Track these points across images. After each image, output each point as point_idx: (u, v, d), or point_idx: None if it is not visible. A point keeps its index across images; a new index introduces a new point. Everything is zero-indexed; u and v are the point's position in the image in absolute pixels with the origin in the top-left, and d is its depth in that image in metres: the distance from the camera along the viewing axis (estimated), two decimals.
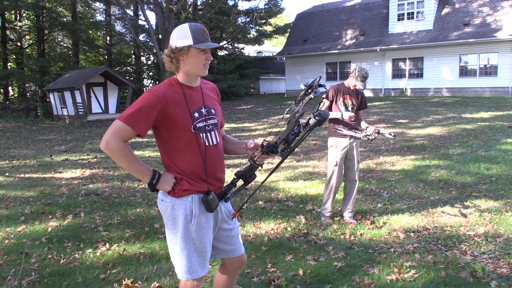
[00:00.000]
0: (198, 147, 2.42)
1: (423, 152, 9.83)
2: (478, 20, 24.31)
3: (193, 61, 2.37)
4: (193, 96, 2.44)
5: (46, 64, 28.53)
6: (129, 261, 4.30)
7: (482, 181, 7.06)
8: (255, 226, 5.27)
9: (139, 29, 30.43)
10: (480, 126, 13.31)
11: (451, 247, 4.43)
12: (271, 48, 50.38)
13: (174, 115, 2.34)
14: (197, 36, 2.33)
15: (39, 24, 29.49)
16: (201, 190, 2.44)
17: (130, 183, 7.94)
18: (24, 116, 24.04)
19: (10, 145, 14.61)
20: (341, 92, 5.21)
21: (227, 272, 2.77)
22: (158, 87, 2.37)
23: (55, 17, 29.46)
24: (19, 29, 31.01)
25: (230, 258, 2.68)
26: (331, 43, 29.65)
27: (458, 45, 24.20)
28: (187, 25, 2.36)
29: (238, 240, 2.69)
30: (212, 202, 2.43)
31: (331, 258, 4.24)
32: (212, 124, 2.50)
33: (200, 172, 2.43)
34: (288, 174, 8.25)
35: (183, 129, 2.38)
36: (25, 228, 5.42)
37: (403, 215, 5.50)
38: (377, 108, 19.80)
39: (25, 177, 8.84)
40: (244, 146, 2.64)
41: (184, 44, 2.33)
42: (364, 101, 5.37)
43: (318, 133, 14.09)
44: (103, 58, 35.46)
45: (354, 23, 29.64)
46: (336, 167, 5.22)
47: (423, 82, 25.85)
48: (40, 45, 30.62)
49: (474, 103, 19.79)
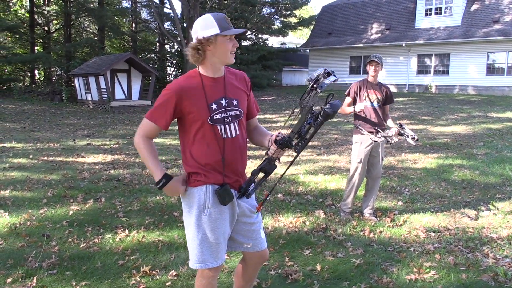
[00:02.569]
0: (216, 139, 2.41)
1: (446, 150, 9.67)
2: (508, 17, 23.72)
3: (222, 50, 2.35)
4: (213, 87, 2.42)
5: (72, 49, 28.87)
6: (147, 248, 4.34)
7: (507, 182, 6.92)
8: (273, 219, 5.26)
9: (164, 17, 30.49)
10: (506, 126, 13.03)
11: (472, 249, 4.35)
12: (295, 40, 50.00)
13: (190, 106, 2.36)
14: (222, 24, 2.31)
15: (67, 9, 29.75)
16: (216, 182, 2.44)
17: None
18: (49, 99, 24.39)
19: (35, 128, 14.85)
20: (365, 87, 5.16)
21: (247, 266, 2.75)
22: (176, 82, 2.42)
23: (82, 2, 29.67)
24: (47, 13, 31.40)
25: (250, 252, 2.66)
26: (356, 37, 29.31)
27: (487, 42, 23.68)
28: (209, 14, 2.34)
29: (259, 235, 2.65)
30: (226, 195, 2.41)
31: (349, 254, 4.21)
32: (232, 116, 2.47)
33: (216, 164, 2.43)
34: (308, 168, 8.21)
35: (200, 121, 2.38)
36: (47, 210, 5.51)
37: (424, 214, 5.42)
38: (401, 104, 19.54)
39: (48, 160, 8.98)
40: (268, 139, 2.58)
41: (211, 34, 2.30)
42: (390, 95, 5.28)
43: (340, 127, 13.98)
44: (127, 45, 35.69)
45: (380, 17, 29.24)
46: (360, 164, 5.14)
47: (448, 79, 25.38)
48: (67, 30, 30.92)
49: (500, 102, 19.38)
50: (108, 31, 31.43)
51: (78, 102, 23.60)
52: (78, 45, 29.68)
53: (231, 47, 2.37)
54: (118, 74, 22.04)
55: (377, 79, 5.22)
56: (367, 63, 5.19)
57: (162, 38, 34.07)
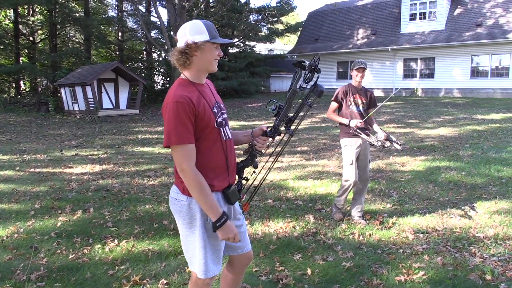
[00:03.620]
0: (221, 142, 2.45)
1: (433, 153, 9.77)
2: (491, 21, 24.08)
3: (208, 57, 2.37)
4: (206, 93, 2.45)
5: (58, 59, 28.73)
6: (137, 257, 4.32)
7: (493, 183, 7.00)
8: (263, 224, 5.27)
9: (151, 26, 30.47)
10: (491, 127, 13.19)
11: (460, 249, 4.40)
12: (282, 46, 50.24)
13: (203, 113, 2.34)
14: (212, 31, 2.34)
15: (52, 19, 29.63)
16: (219, 188, 2.44)
17: (139, 179, 7.97)
18: (35, 110, 24.22)
19: (21, 139, 14.73)
20: (350, 92, 5.27)
21: (235, 269, 2.77)
22: (179, 94, 2.30)
23: (67, 12, 29.59)
24: (32, 23, 31.23)
25: (239, 255, 2.69)
26: (343, 42, 29.54)
27: (470, 46, 23.99)
28: (200, 21, 2.36)
29: (246, 236, 2.71)
30: (233, 195, 2.47)
31: (339, 258, 4.23)
32: (225, 119, 2.54)
33: (222, 166, 2.46)
34: (297, 173, 8.23)
35: (210, 126, 2.38)
36: (35, 222, 5.46)
37: (412, 216, 5.47)
38: (388, 108, 19.69)
39: (35, 171, 8.90)
40: (248, 135, 2.68)
41: (201, 39, 2.32)
42: (374, 99, 5.38)
43: (328, 132, 14.05)
44: (114, 54, 35.60)
45: (365, 22, 29.51)
46: (352, 165, 5.20)
47: (434, 82, 25.66)
48: (52, 40, 30.78)
49: (485, 104, 19.61)
50: (94, 40, 31.34)
51: (65, 113, 23.46)
52: (64, 55, 29.52)
53: (217, 55, 2.40)
54: (105, 84, 21.98)
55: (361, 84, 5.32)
56: (354, 70, 5.23)
57: (149, 47, 34.02)
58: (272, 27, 35.55)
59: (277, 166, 8.76)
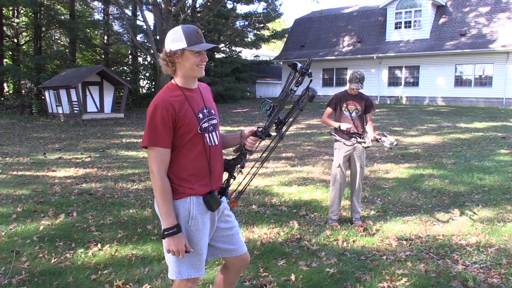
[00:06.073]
0: (204, 147, 2.45)
1: (417, 160, 9.87)
2: (475, 31, 24.47)
3: (188, 64, 2.38)
4: (194, 98, 2.46)
5: (43, 61, 28.38)
6: (120, 262, 4.29)
7: (475, 190, 7.09)
8: (248, 230, 5.26)
9: (137, 30, 30.39)
10: (474, 136, 13.38)
11: (443, 256, 4.44)
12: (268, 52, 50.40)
13: (184, 118, 2.36)
14: (191, 38, 2.34)
15: (37, 21, 29.32)
16: (200, 192, 2.44)
17: (123, 183, 7.91)
18: (19, 113, 23.88)
19: (3, 142, 14.53)
20: (344, 98, 5.47)
21: (230, 272, 2.77)
22: (162, 96, 2.36)
23: (52, 14, 29.31)
24: (16, 25, 30.84)
25: (233, 257, 2.69)
26: (328, 49, 29.76)
27: (454, 55, 24.36)
28: (180, 27, 2.37)
29: (239, 239, 2.70)
30: (214, 202, 2.46)
31: (323, 264, 4.24)
32: (213, 125, 2.54)
33: (204, 172, 2.46)
34: (282, 179, 8.25)
35: (193, 131, 2.39)
36: (17, 226, 5.39)
37: (396, 223, 5.51)
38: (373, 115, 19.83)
39: (17, 174, 8.79)
40: (237, 137, 2.69)
41: (178, 48, 2.34)
42: (370, 104, 5.57)
43: (313, 138, 14.11)
44: (100, 57, 35.34)
45: (351, 30, 29.79)
46: (338, 168, 5.46)
47: (418, 90, 25.97)
48: (37, 43, 30.44)
49: (468, 113, 19.90)
50: (79, 43, 31.05)
51: (49, 116, 23.19)
52: (49, 58, 29.15)
53: (199, 61, 2.40)
54: (90, 87, 21.78)
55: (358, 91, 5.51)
56: (350, 80, 5.36)
57: (135, 51, 33.89)
58: (259, 33, 35.71)
59: (262, 172, 8.77)
